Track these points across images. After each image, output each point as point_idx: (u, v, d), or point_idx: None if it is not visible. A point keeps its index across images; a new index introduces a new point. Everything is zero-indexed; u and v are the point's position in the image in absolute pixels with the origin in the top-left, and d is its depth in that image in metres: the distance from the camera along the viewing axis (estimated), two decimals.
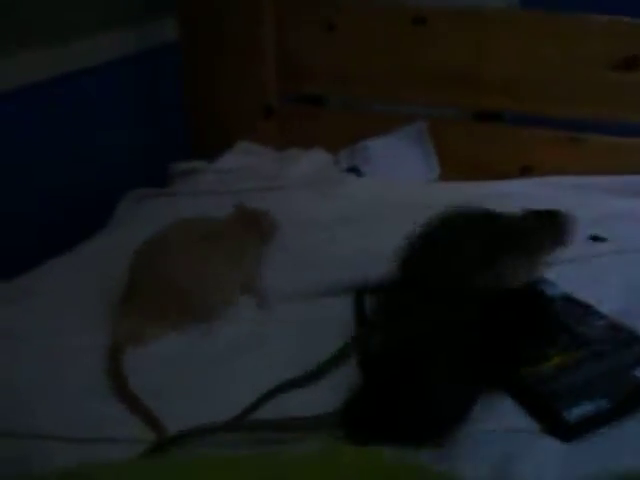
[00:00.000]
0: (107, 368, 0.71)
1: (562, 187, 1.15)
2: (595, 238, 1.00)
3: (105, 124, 1.31)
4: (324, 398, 0.65)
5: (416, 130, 1.26)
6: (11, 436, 0.63)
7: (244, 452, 0.58)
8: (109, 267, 0.89)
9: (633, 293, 0.84)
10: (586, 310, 0.78)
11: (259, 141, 1.39)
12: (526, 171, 1.23)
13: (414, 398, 0.60)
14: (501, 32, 1.22)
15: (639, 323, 0.75)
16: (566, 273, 0.89)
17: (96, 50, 1.23)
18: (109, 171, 1.33)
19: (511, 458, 0.59)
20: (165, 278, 0.80)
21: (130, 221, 1.16)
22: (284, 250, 0.97)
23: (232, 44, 1.36)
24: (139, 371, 0.72)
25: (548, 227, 0.83)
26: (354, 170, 1.23)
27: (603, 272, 0.90)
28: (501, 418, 0.64)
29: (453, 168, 1.27)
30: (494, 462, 0.58)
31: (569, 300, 0.81)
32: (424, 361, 0.62)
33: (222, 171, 1.29)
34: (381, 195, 1.16)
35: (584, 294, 0.82)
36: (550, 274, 0.88)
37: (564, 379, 0.66)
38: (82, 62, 1.20)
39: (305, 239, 1.01)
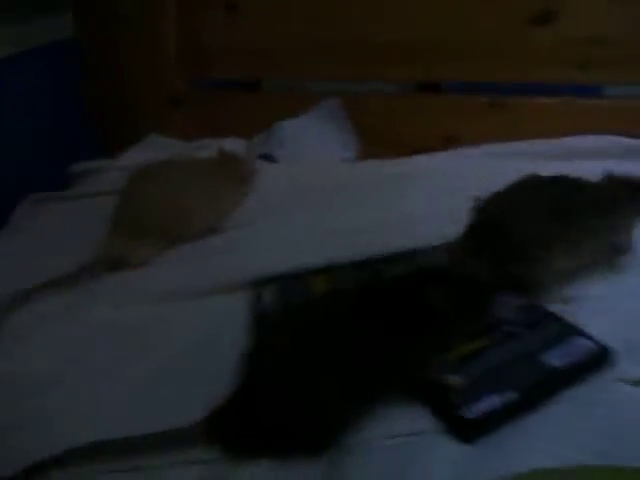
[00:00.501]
0: None
1: (486, 155, 1.07)
2: None
3: (3, 124, 1.20)
4: None
5: (330, 108, 1.17)
6: None
7: None
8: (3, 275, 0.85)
9: None
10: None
11: (173, 133, 1.29)
12: (450, 141, 1.15)
13: (283, 406, 0.51)
14: None
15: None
16: None
17: None
18: (7, 175, 1.21)
19: (405, 465, 0.50)
20: (143, 206, 0.88)
21: (26, 227, 1.06)
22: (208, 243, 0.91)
23: (131, 32, 1.26)
24: None
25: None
26: (266, 157, 1.13)
27: None
28: (404, 420, 0.55)
29: (375, 144, 1.18)
30: (385, 470, 0.50)
31: None
32: (297, 366, 0.53)
33: (126, 168, 1.18)
34: (296, 180, 1.08)
35: None
36: None
37: (469, 370, 0.57)
38: None
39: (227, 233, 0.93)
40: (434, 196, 0.96)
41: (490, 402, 0.53)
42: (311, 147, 1.14)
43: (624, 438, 0.50)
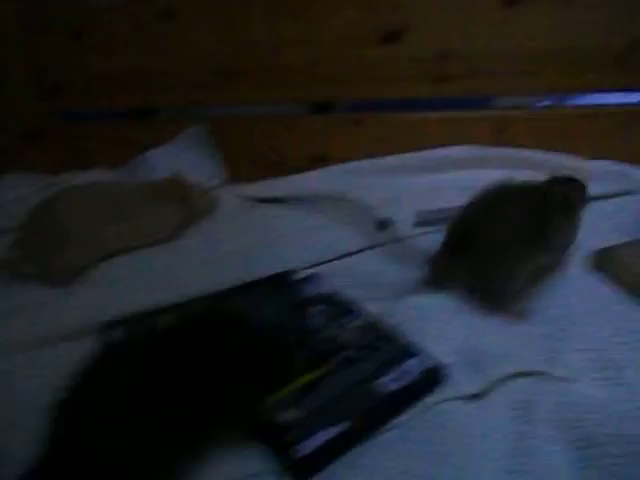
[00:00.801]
0: None
1: (351, 173, 1.08)
2: (381, 224, 0.93)
3: None
4: None
5: (196, 134, 1.14)
6: None
7: None
8: None
9: (403, 286, 0.75)
10: (345, 309, 0.68)
11: (35, 167, 1.22)
12: (320, 161, 1.15)
13: None
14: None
15: (403, 317, 0.67)
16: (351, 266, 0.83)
17: None
18: None
19: None
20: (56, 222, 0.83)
21: None
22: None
23: None
24: None
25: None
26: None
27: (380, 263, 0.82)
28: (241, 463, 0.52)
29: (247, 168, 1.16)
30: None
31: (331, 300, 0.71)
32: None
33: None
34: None
35: (360, 290, 0.74)
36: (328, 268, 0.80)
37: (307, 402, 0.55)
38: None
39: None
40: (300, 220, 0.96)
41: (324, 436, 0.52)
42: (179, 174, 1.10)
43: (452, 461, 0.50)
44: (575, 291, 0.72)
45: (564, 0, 1.02)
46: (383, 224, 0.92)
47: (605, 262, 0.77)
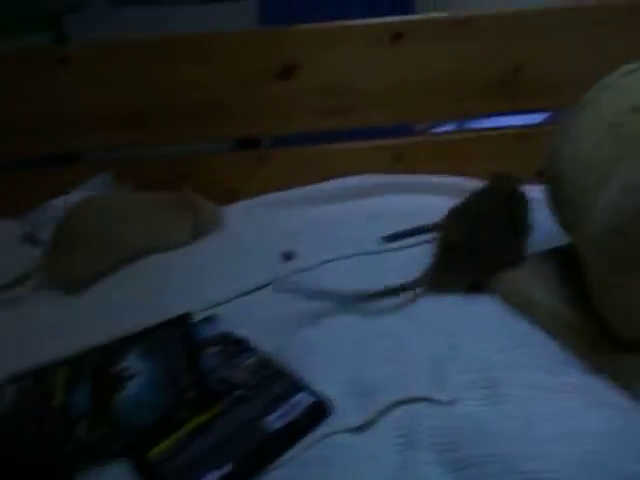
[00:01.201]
0: None
1: (260, 206, 1.10)
2: (286, 256, 0.94)
3: None
4: None
5: (101, 182, 1.13)
6: None
7: None
8: None
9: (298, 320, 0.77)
10: (240, 348, 0.69)
11: None
12: (232, 197, 1.16)
13: None
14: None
15: (295, 352, 0.68)
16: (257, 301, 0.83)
17: None
18: None
19: None
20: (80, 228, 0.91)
21: None
22: None
23: None
24: None
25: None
26: (29, 238, 1.06)
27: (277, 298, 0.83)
28: None
29: None
30: None
31: (227, 338, 0.71)
32: None
33: None
34: None
35: (256, 327, 0.74)
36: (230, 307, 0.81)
37: (193, 448, 0.55)
38: None
39: None
40: (204, 259, 0.96)
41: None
42: None
43: None
44: (464, 312, 0.75)
45: (448, 31, 1.09)
46: (288, 255, 0.94)
47: (494, 283, 0.80)
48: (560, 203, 0.76)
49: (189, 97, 1.13)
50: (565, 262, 0.79)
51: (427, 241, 0.93)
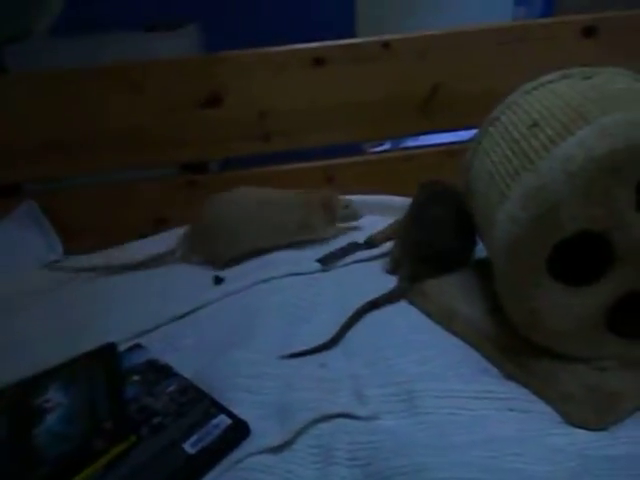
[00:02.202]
0: None
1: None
2: (217, 279, 0.95)
3: None
4: None
5: (26, 210, 1.12)
6: None
7: None
8: None
9: (227, 336, 0.77)
10: (162, 375, 0.68)
11: None
12: (162, 223, 1.15)
13: None
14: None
15: (218, 375, 0.68)
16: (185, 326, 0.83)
17: None
18: None
19: None
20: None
21: None
22: None
23: None
24: None
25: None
26: None
27: (208, 320, 0.83)
28: None
29: (91, 238, 1.14)
30: None
31: (151, 366, 0.71)
32: None
33: None
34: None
35: (179, 354, 0.74)
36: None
37: (109, 478, 0.55)
38: None
39: None
40: (133, 288, 0.96)
41: None
42: (11, 253, 1.06)
43: None
44: (385, 325, 0.77)
45: (369, 57, 1.12)
46: (218, 279, 0.94)
47: (413, 294, 0.82)
48: (475, 214, 0.79)
49: (117, 126, 1.12)
50: (485, 275, 0.82)
51: (360, 259, 0.96)
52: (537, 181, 0.58)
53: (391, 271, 0.90)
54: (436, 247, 0.83)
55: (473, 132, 0.81)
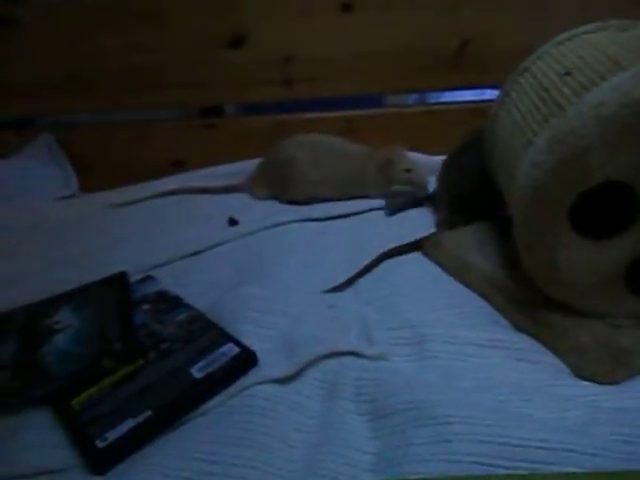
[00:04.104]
0: None
1: (214, 177, 1.09)
2: (232, 221, 0.94)
3: None
4: None
5: (44, 144, 1.11)
6: None
7: None
8: None
9: (238, 274, 0.77)
10: (172, 304, 0.69)
11: None
12: (178, 165, 1.15)
13: None
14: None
15: (229, 307, 0.68)
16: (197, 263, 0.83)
17: None
18: None
19: None
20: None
21: None
22: None
23: None
24: None
25: None
26: None
27: (220, 258, 0.83)
28: (49, 459, 0.51)
29: (106, 176, 1.14)
30: None
31: (161, 296, 0.71)
32: None
33: None
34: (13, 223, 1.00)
35: (189, 287, 0.74)
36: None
37: (118, 395, 0.55)
38: None
39: None
40: (147, 222, 0.96)
41: (126, 426, 0.52)
42: (27, 187, 1.07)
43: (255, 442, 0.51)
44: (398, 274, 0.76)
45: (397, 4, 1.09)
46: (233, 221, 0.94)
47: (428, 248, 0.81)
48: (497, 166, 0.77)
49: (133, 62, 1.11)
50: (503, 229, 0.81)
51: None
52: (565, 125, 0.56)
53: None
54: (464, 192, 0.83)
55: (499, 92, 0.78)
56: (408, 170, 0.97)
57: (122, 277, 0.74)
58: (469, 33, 1.11)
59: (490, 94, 1.25)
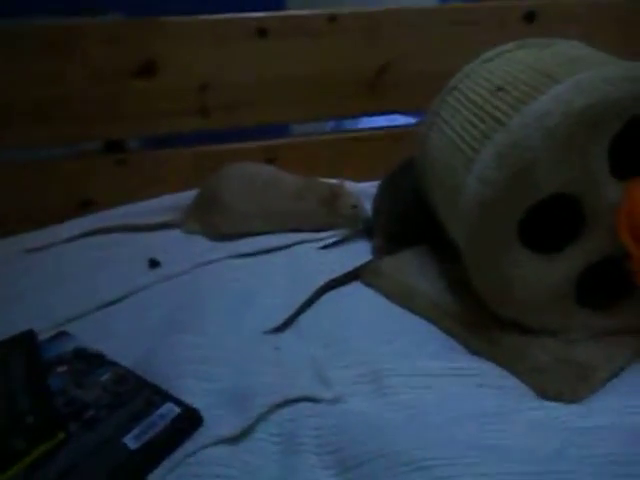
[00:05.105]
0: None
1: (125, 216, 1.00)
2: (152, 263, 0.86)
3: None
4: None
5: None
6: None
7: None
8: None
9: (167, 321, 0.69)
10: (93, 363, 0.59)
11: None
12: (86, 206, 1.05)
13: None
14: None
15: (161, 361, 0.60)
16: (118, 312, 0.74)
17: None
18: None
19: None
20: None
21: None
22: None
23: None
24: None
25: None
26: None
27: (144, 305, 0.75)
28: None
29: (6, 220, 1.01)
30: None
31: (80, 355, 0.62)
32: None
33: None
34: None
35: (114, 341, 0.65)
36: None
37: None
38: None
39: None
40: (59, 270, 0.85)
41: None
42: None
43: None
44: (341, 306, 0.72)
45: (314, 28, 1.07)
46: (154, 262, 0.86)
47: (368, 276, 0.78)
48: (432, 188, 0.75)
49: (38, 95, 1.01)
50: (440, 254, 0.79)
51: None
52: (509, 139, 0.55)
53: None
54: (400, 216, 0.82)
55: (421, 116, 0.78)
56: (354, 206, 0.93)
57: (29, 335, 0.64)
58: (386, 56, 1.11)
59: (403, 120, 1.26)
